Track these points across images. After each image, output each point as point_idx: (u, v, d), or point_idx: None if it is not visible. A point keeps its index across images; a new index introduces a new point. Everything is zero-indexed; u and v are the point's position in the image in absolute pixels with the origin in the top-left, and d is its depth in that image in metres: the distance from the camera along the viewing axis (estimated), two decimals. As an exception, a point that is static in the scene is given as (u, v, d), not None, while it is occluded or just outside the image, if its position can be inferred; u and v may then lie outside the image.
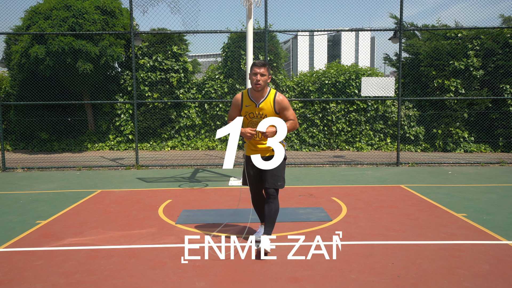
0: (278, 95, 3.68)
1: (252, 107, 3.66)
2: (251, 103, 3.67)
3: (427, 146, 11.76)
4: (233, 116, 3.82)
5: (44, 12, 10.74)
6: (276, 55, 12.20)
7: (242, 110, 3.71)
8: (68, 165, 9.44)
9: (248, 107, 3.68)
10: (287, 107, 3.67)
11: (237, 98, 3.78)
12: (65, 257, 3.70)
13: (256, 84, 3.57)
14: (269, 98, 3.66)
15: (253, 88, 3.61)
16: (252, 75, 3.60)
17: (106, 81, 12.10)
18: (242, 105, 3.71)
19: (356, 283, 3.12)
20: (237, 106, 3.77)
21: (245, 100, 3.71)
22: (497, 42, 11.43)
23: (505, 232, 4.32)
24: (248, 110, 3.68)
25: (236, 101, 3.78)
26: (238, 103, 3.76)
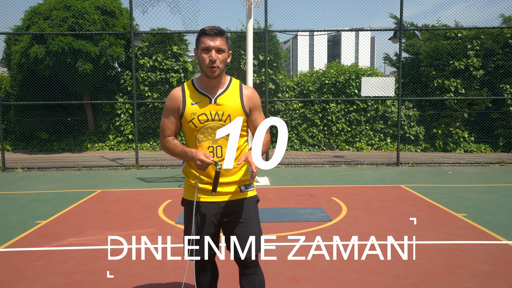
0: (246, 86, 2.32)
1: (204, 105, 2.19)
2: (201, 98, 2.20)
3: (427, 146, 11.76)
4: (168, 129, 2.28)
5: (44, 12, 10.74)
6: (276, 55, 12.20)
7: (186, 114, 2.20)
8: (68, 165, 9.44)
9: (196, 106, 2.19)
10: (259, 105, 2.33)
11: (173, 96, 2.25)
12: (65, 257, 3.70)
13: (210, 67, 2.14)
14: (232, 89, 2.25)
15: (206, 73, 2.16)
16: (202, 51, 2.16)
17: (106, 81, 12.10)
18: (184, 106, 2.21)
19: (356, 283, 3.12)
20: (174, 110, 2.23)
21: (190, 96, 2.22)
22: (497, 42, 11.43)
23: (505, 232, 4.32)
24: (197, 111, 2.18)
25: (173, 101, 2.24)
26: (175, 103, 2.23)
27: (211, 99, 2.19)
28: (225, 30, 2.18)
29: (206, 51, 2.13)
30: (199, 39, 2.16)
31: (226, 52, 2.17)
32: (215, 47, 2.12)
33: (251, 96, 2.28)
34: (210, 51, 2.13)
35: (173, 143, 2.23)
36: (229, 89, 2.24)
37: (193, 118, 2.18)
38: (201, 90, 2.22)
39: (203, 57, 2.14)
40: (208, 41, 2.12)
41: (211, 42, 2.12)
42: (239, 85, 2.30)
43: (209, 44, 2.12)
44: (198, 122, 2.17)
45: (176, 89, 2.27)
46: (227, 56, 2.19)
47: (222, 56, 2.15)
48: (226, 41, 2.17)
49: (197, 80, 2.27)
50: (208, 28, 2.13)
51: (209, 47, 2.12)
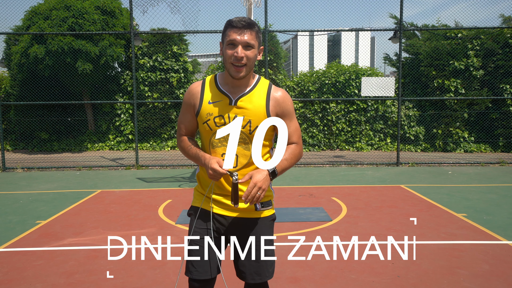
0: (276, 88, 1.96)
1: (223, 106, 1.89)
2: (221, 97, 1.90)
3: (427, 146, 11.76)
4: (184, 127, 2.02)
5: (44, 12, 10.74)
6: (276, 55, 12.20)
7: (201, 113, 1.91)
8: (68, 165, 9.44)
9: (213, 106, 1.90)
10: (291, 112, 1.97)
11: (191, 91, 1.97)
12: (65, 257, 3.70)
13: (235, 65, 1.83)
14: (258, 91, 1.91)
15: (230, 72, 1.86)
16: (227, 46, 1.85)
17: (106, 81, 12.10)
18: (200, 104, 1.92)
19: (356, 283, 3.12)
20: (191, 106, 1.97)
21: (209, 93, 1.93)
22: (497, 42, 11.43)
23: (505, 232, 4.32)
24: (214, 112, 1.89)
25: (190, 97, 1.96)
26: (192, 99, 1.96)
27: (231, 100, 1.88)
28: (255, 23, 1.86)
29: (232, 46, 1.82)
30: (225, 32, 1.86)
31: (256, 48, 1.85)
32: (243, 41, 1.80)
33: (281, 100, 1.92)
34: (236, 46, 1.81)
35: (187, 143, 1.98)
36: (255, 90, 1.91)
37: (208, 119, 1.89)
38: (222, 88, 1.92)
39: (228, 53, 1.83)
40: (234, 35, 1.81)
41: (238, 35, 1.80)
42: (267, 87, 1.94)
43: (235, 38, 1.80)
44: (214, 124, 1.88)
45: (196, 83, 2.00)
46: (257, 53, 1.87)
47: (250, 53, 1.83)
48: (257, 35, 1.85)
49: (221, 76, 1.96)
50: (236, 20, 1.82)
51: (235, 42, 1.81)
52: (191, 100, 1.95)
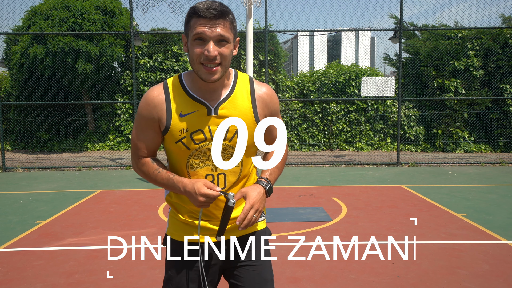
0: (258, 84, 1.60)
1: (200, 118, 1.50)
2: (196, 107, 1.50)
3: (427, 146, 11.76)
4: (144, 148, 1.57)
5: (44, 12, 10.74)
6: (276, 55, 12.20)
7: (172, 130, 1.50)
8: (68, 165, 9.44)
9: (187, 120, 1.49)
10: (277, 110, 1.64)
11: (151, 101, 1.51)
12: (65, 257, 3.70)
13: (206, 67, 1.42)
14: (241, 92, 1.55)
15: (200, 75, 1.45)
16: (194, 42, 1.42)
17: (106, 81, 12.10)
18: (168, 118, 1.50)
19: (356, 283, 3.12)
20: (153, 122, 1.51)
21: (178, 102, 1.50)
22: (497, 42, 11.44)
23: (505, 232, 4.32)
24: (190, 127, 1.49)
25: (151, 110, 1.51)
26: (155, 113, 1.50)
27: (210, 109, 1.48)
28: (228, 8, 1.43)
29: (200, 42, 1.40)
30: (189, 23, 1.41)
31: (231, 42, 1.43)
32: (215, 35, 1.38)
33: (267, 99, 1.57)
34: (207, 42, 1.39)
35: (152, 167, 1.55)
36: (236, 92, 1.52)
37: (183, 136, 1.47)
38: (194, 94, 1.49)
39: (196, 52, 1.40)
40: (202, 27, 1.37)
41: (207, 28, 1.37)
42: (249, 83, 1.56)
43: (204, 32, 1.37)
44: (192, 143, 1.48)
45: (155, 89, 1.50)
46: (232, 47, 1.46)
47: (225, 49, 1.41)
48: (231, 25, 1.43)
49: (188, 78, 1.52)
50: (203, 7, 1.37)
51: (204, 36, 1.38)
52: (153, 113, 1.48)
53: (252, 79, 1.61)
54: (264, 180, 1.57)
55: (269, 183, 1.58)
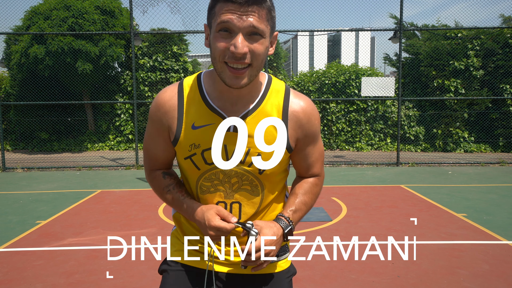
0: (296, 96, 1.26)
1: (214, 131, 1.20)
2: (212, 118, 1.21)
3: (427, 146, 11.76)
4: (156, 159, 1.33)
5: (44, 12, 10.75)
6: (276, 55, 12.21)
7: (182, 142, 1.23)
8: (68, 165, 9.44)
9: (201, 133, 1.21)
10: (317, 134, 1.32)
11: (164, 106, 1.24)
12: (65, 257, 3.70)
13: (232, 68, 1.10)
14: (271, 105, 1.23)
15: (223, 79, 1.13)
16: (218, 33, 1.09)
17: (106, 81, 12.11)
18: (179, 127, 1.22)
19: (356, 283, 3.12)
20: (164, 129, 1.25)
21: (192, 109, 1.22)
22: (497, 42, 11.44)
23: (505, 232, 4.32)
24: (203, 142, 1.21)
25: (161, 115, 1.25)
26: (165, 119, 1.24)
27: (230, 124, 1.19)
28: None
29: (226, 35, 1.08)
30: (214, 8, 1.10)
31: (267, 37, 1.11)
32: (246, 26, 1.06)
33: (304, 118, 1.23)
34: (235, 34, 1.07)
35: (162, 183, 1.30)
36: (266, 104, 1.20)
37: (193, 153, 1.20)
38: (212, 102, 1.20)
39: (219, 46, 1.08)
40: (229, 14, 1.05)
41: (236, 16, 1.05)
42: (283, 94, 1.23)
43: (231, 20, 1.05)
44: (203, 161, 1.21)
45: (168, 91, 1.24)
46: (268, 44, 1.13)
47: (259, 45, 1.08)
48: (268, 15, 1.09)
49: (208, 79, 1.23)
50: None
51: (231, 26, 1.06)
52: (163, 120, 1.22)
53: (289, 89, 1.25)
54: (285, 220, 1.24)
55: (290, 224, 1.25)
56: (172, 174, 1.34)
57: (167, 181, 1.31)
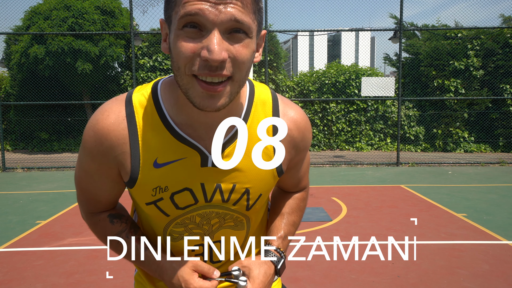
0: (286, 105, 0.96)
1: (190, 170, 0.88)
2: (183, 151, 0.87)
3: (427, 146, 11.76)
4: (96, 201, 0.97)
5: (44, 12, 10.75)
6: (276, 55, 12.20)
7: (140, 185, 0.89)
8: (68, 165, 9.44)
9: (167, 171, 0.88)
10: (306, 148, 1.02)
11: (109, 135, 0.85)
12: (65, 257, 3.69)
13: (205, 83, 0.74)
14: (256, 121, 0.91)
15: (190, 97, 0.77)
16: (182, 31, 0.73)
17: (106, 81, 12.11)
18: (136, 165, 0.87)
19: (356, 283, 3.12)
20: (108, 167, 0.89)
21: (152, 139, 0.86)
22: (497, 42, 11.44)
23: (505, 232, 4.32)
24: (171, 184, 0.89)
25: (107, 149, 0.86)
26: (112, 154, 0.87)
27: (205, 156, 0.88)
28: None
29: (194, 33, 0.74)
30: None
31: (253, 37, 0.78)
32: (224, 20, 0.72)
33: (298, 136, 0.97)
34: (207, 32, 0.73)
35: (110, 230, 0.99)
36: (251, 124, 0.91)
37: (159, 198, 0.90)
38: (179, 130, 0.87)
39: (184, 51, 0.74)
40: (198, 3, 0.72)
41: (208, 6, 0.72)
42: (271, 106, 0.94)
43: (200, 11, 0.72)
44: (173, 207, 0.92)
45: (113, 114, 0.87)
46: (254, 48, 0.80)
47: (242, 49, 0.75)
48: (255, 6, 0.76)
49: (169, 96, 0.88)
50: None
51: (201, 20, 0.73)
52: (109, 155, 0.88)
53: (276, 97, 0.96)
54: (275, 252, 1.05)
55: (282, 257, 1.06)
56: (122, 215, 1.01)
57: (117, 228, 0.98)
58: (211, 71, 0.73)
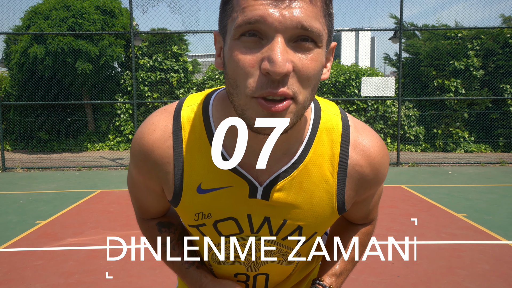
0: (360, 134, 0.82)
1: (236, 199, 0.80)
2: (230, 179, 0.78)
3: (427, 146, 11.76)
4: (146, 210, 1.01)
5: (43, 12, 10.75)
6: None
7: (184, 207, 0.84)
8: (68, 165, 9.44)
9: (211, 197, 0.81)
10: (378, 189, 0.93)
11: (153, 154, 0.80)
12: (65, 257, 3.69)
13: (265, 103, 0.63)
14: (320, 155, 0.79)
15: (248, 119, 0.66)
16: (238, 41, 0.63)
17: (106, 81, 12.11)
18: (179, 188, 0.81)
19: (356, 283, 3.12)
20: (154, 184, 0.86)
21: (198, 163, 0.79)
22: (497, 42, 11.44)
23: (505, 232, 4.32)
24: (215, 211, 0.82)
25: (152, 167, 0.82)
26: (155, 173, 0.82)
27: (255, 187, 0.80)
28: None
29: (253, 41, 0.64)
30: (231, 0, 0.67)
31: (323, 47, 0.67)
32: (290, 26, 0.62)
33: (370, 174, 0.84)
34: (268, 39, 0.63)
35: (158, 238, 1.02)
36: (312, 156, 0.80)
37: (201, 223, 0.86)
38: (228, 154, 0.79)
39: (242, 63, 0.64)
40: (262, 7, 0.61)
41: (273, 9, 0.61)
42: (340, 137, 0.82)
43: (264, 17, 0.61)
44: (216, 234, 0.87)
45: (159, 129, 0.81)
46: (324, 61, 0.69)
47: (310, 61, 0.64)
48: (325, 9, 0.66)
49: (221, 115, 0.79)
50: None
51: (263, 27, 0.62)
52: (153, 172, 0.84)
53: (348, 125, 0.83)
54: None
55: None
56: (171, 224, 1.01)
57: (164, 237, 0.99)
58: (272, 88, 0.62)
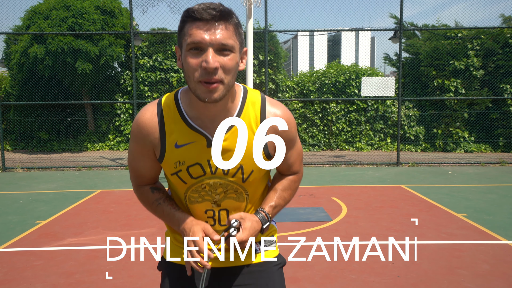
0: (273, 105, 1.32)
1: (199, 150, 1.28)
2: (194, 137, 1.27)
3: (427, 146, 11.76)
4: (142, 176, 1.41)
5: (43, 12, 10.74)
6: (276, 55, 12.20)
7: (167, 161, 1.30)
8: (68, 165, 9.44)
9: (184, 151, 1.28)
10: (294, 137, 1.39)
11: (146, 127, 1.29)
12: (65, 257, 3.69)
13: (204, 82, 1.14)
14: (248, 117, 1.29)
15: (197, 95, 1.17)
16: (189, 52, 1.15)
17: (106, 81, 12.10)
18: (163, 148, 1.29)
19: (356, 283, 3.12)
20: (148, 150, 1.32)
21: (173, 129, 1.28)
22: (497, 42, 11.43)
23: (505, 232, 4.32)
24: (187, 159, 1.28)
25: (144, 137, 1.30)
26: (148, 140, 1.30)
27: (210, 140, 1.24)
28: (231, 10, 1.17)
29: (196, 53, 1.13)
30: (183, 29, 1.15)
31: (236, 52, 1.16)
32: (215, 42, 1.11)
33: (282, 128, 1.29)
34: (204, 51, 1.12)
35: (151, 197, 1.41)
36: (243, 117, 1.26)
37: (179, 169, 1.28)
38: (191, 121, 1.25)
39: (191, 64, 1.13)
40: (199, 32, 1.11)
41: (205, 33, 1.11)
42: (260, 105, 1.28)
43: (201, 38, 1.11)
44: (189, 177, 1.28)
45: (148, 111, 1.28)
46: (238, 59, 1.18)
47: (228, 60, 1.14)
48: (236, 31, 1.16)
49: (185, 98, 1.26)
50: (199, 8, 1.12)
51: (201, 44, 1.11)
52: (146, 141, 1.28)
53: (265, 99, 1.31)
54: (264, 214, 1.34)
55: (268, 220, 1.34)
56: (160, 188, 1.45)
57: (156, 195, 1.42)
58: (208, 76, 1.12)
